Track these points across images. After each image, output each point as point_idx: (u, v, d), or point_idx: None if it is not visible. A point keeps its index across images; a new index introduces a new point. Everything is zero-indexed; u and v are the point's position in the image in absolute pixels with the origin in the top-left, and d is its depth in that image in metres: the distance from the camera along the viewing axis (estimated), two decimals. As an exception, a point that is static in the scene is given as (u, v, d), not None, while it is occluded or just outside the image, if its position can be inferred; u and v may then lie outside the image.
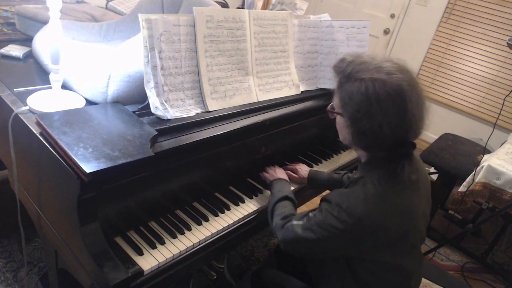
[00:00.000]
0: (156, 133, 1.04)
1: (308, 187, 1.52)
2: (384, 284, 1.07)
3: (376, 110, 0.92)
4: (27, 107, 1.10)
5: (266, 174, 1.44)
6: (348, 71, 0.98)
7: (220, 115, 1.26)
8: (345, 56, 1.03)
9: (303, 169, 1.52)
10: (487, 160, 2.15)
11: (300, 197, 1.50)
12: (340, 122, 1.06)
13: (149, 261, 1.03)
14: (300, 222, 1.07)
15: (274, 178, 1.38)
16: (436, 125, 3.66)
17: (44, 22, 1.52)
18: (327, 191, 1.55)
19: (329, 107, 1.10)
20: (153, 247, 1.08)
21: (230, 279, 1.84)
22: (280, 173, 1.43)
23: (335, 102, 1.05)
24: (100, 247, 0.95)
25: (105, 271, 0.91)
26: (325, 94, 1.69)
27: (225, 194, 1.36)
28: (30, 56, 1.51)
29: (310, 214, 1.07)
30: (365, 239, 0.99)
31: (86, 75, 1.19)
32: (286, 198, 1.25)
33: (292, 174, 1.51)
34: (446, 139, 2.90)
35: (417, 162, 1.07)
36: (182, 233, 1.15)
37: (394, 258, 1.04)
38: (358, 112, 0.95)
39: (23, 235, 1.34)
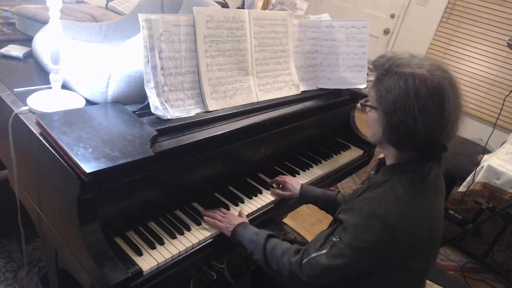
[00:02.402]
0: (156, 133, 1.04)
1: (300, 202, 1.46)
2: (397, 285, 1.04)
3: (413, 104, 0.91)
4: (27, 107, 1.10)
5: (220, 224, 1.19)
6: (387, 65, 0.97)
7: (220, 115, 1.26)
8: (385, 52, 1.03)
9: (293, 183, 1.43)
10: (487, 160, 2.16)
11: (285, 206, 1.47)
12: (372, 116, 1.02)
13: (149, 261, 1.03)
14: (323, 251, 0.98)
15: (237, 223, 1.18)
16: (436, 125, 3.65)
17: (44, 22, 1.52)
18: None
19: (363, 101, 1.07)
20: (153, 247, 1.08)
21: (230, 279, 1.84)
22: (238, 218, 1.22)
23: (371, 96, 1.03)
24: (100, 247, 0.95)
25: (105, 271, 0.91)
26: (325, 94, 1.69)
27: (224, 194, 1.36)
28: (30, 56, 1.51)
29: (334, 238, 0.98)
30: (398, 248, 0.95)
31: (86, 75, 1.19)
32: (270, 236, 1.13)
33: (280, 192, 1.42)
34: (446, 139, 2.90)
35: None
36: (182, 234, 1.15)
37: (418, 264, 1.01)
38: (394, 104, 0.93)
39: (23, 235, 1.34)
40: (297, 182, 1.46)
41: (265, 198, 1.40)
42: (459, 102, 0.96)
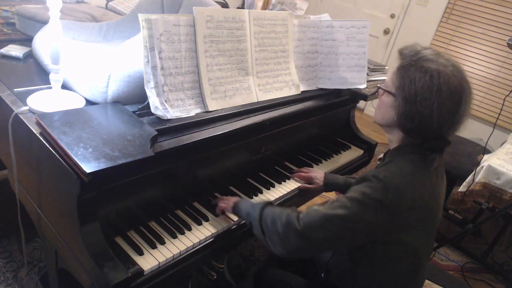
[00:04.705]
0: (156, 133, 1.04)
1: (325, 191, 1.53)
2: (397, 270, 1.08)
3: (434, 99, 0.97)
4: (27, 107, 1.10)
5: (222, 205, 1.26)
6: (416, 58, 1.03)
7: (220, 115, 1.26)
8: (414, 44, 1.08)
9: (318, 176, 1.51)
10: (487, 160, 2.15)
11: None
12: (387, 101, 1.08)
13: (149, 261, 1.03)
14: (325, 206, 1.03)
15: (235, 201, 1.23)
16: (436, 125, 3.66)
17: (44, 22, 1.52)
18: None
19: (380, 85, 1.12)
20: (153, 247, 1.08)
21: (230, 279, 1.84)
22: (235, 198, 1.27)
23: (390, 82, 1.08)
24: (100, 247, 0.95)
25: (105, 271, 0.91)
26: (325, 94, 1.69)
27: (225, 194, 1.36)
28: (30, 56, 1.51)
29: (335, 198, 1.04)
30: (396, 214, 0.99)
31: (86, 75, 1.19)
32: (269, 203, 1.16)
33: (309, 186, 1.50)
34: (446, 139, 2.90)
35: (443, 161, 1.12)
36: (182, 233, 1.15)
37: (413, 239, 1.05)
38: (416, 96, 0.99)
39: (23, 235, 1.34)
40: (320, 173, 1.53)
41: (266, 198, 1.40)
42: (470, 105, 1.04)
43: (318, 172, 1.53)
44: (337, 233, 1.00)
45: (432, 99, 0.97)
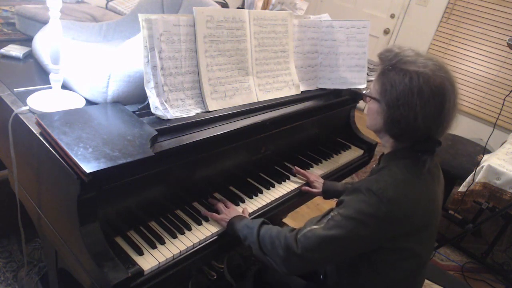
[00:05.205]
0: (156, 133, 1.04)
1: (323, 198, 1.53)
2: (399, 274, 1.07)
3: (416, 101, 0.96)
4: (27, 107, 1.10)
5: (218, 216, 1.23)
6: (394, 61, 1.01)
7: (220, 115, 1.26)
8: (392, 47, 1.06)
9: (319, 181, 1.52)
10: (487, 160, 2.16)
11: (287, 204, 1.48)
12: (374, 108, 1.07)
13: (149, 261, 1.03)
14: (322, 225, 1.01)
15: (232, 216, 1.21)
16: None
17: (44, 22, 1.52)
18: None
19: (365, 92, 1.12)
20: (153, 247, 1.08)
21: (230, 279, 1.84)
22: (237, 213, 1.24)
23: (374, 88, 1.08)
24: (100, 247, 0.95)
25: (105, 271, 0.91)
26: (325, 94, 1.69)
27: (225, 194, 1.36)
28: (30, 56, 1.51)
29: (332, 213, 1.02)
30: (393, 225, 0.98)
31: (86, 75, 1.19)
32: (265, 222, 1.15)
33: (310, 189, 1.50)
34: (446, 139, 2.91)
35: (437, 159, 1.11)
36: (182, 233, 1.15)
37: (415, 245, 1.04)
38: (398, 100, 0.98)
39: (23, 235, 1.34)
40: (320, 179, 1.54)
41: (266, 198, 1.40)
42: (457, 101, 1.01)
43: (319, 178, 1.54)
44: (335, 251, 1.01)
45: (414, 101, 0.96)
